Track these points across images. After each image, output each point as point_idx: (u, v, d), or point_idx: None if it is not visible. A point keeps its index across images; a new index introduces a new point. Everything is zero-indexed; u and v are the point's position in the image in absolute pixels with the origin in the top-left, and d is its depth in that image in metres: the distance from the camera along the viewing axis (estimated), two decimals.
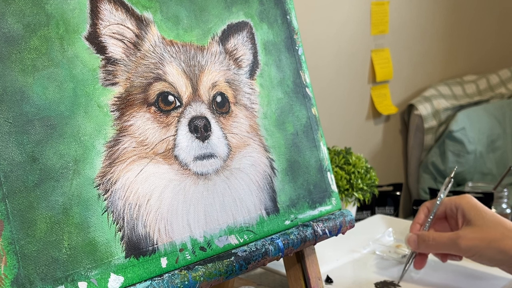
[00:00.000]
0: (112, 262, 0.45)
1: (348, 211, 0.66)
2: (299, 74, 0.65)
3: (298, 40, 0.66)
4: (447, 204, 0.79)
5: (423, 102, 1.91)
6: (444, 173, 1.90)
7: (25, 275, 0.40)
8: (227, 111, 0.56)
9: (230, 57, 0.58)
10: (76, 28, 0.46)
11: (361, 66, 1.78)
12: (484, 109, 2.04)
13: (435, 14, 2.04)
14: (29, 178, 0.41)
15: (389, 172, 1.94)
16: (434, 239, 0.76)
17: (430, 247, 0.78)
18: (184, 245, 0.49)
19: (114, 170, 0.46)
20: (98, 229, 0.45)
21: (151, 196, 0.48)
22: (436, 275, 0.96)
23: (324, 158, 0.65)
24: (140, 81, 0.50)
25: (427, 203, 0.83)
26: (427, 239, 0.77)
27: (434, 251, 0.79)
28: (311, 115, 0.65)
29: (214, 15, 0.57)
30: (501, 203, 1.30)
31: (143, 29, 0.51)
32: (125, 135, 0.48)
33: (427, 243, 0.77)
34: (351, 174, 1.09)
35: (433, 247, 0.77)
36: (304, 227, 0.59)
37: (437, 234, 0.76)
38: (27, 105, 0.42)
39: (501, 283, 0.88)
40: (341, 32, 1.68)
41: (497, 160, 2.02)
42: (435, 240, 0.76)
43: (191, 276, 0.48)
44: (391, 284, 0.91)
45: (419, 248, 0.80)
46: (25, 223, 0.41)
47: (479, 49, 2.29)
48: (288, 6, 0.65)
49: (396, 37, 1.88)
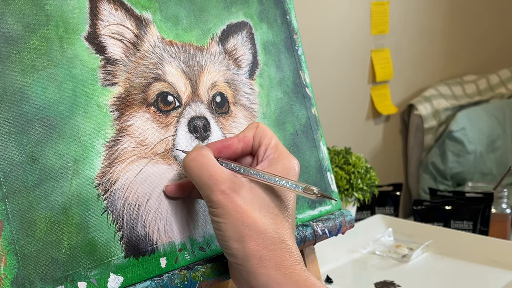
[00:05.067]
0: (112, 262, 0.45)
1: (348, 211, 0.66)
2: (299, 74, 0.65)
3: (298, 40, 0.66)
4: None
5: (423, 102, 1.91)
6: (444, 173, 1.90)
7: (25, 275, 0.40)
8: (227, 111, 0.56)
9: (229, 57, 0.58)
10: (75, 28, 0.46)
11: (361, 66, 1.78)
12: (484, 109, 2.04)
13: (435, 14, 2.04)
14: (29, 178, 0.41)
15: (389, 172, 1.94)
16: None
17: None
18: (183, 245, 0.50)
19: (113, 170, 0.46)
20: (98, 229, 0.45)
21: (150, 196, 0.48)
22: (436, 275, 0.96)
23: (324, 158, 0.65)
24: (139, 81, 0.50)
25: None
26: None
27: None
28: (311, 115, 0.65)
29: (213, 15, 0.57)
30: (501, 203, 1.30)
31: (143, 29, 0.51)
32: (124, 135, 0.48)
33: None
34: (351, 174, 1.09)
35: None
36: (304, 227, 0.59)
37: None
38: (27, 105, 0.42)
39: (501, 283, 0.89)
40: (341, 32, 1.68)
41: (497, 160, 2.02)
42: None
43: (191, 276, 0.48)
44: (391, 284, 0.91)
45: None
46: (25, 223, 0.41)
47: (479, 49, 2.29)
48: (288, 6, 0.65)
49: (396, 37, 1.88)
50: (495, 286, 0.88)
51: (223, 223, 0.44)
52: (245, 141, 0.49)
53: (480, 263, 0.97)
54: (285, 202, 0.47)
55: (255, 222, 0.44)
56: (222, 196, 0.44)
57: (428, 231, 1.10)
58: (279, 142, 0.49)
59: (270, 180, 0.45)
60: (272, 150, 0.48)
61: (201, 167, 0.45)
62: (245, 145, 0.49)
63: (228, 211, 0.44)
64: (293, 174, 0.47)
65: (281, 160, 0.47)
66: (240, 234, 0.43)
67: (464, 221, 1.25)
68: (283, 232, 0.45)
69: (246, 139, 0.49)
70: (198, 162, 0.45)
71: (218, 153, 0.48)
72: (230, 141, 0.48)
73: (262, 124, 0.50)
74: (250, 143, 0.49)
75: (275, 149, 0.48)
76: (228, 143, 0.48)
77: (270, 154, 0.48)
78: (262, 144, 0.49)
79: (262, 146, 0.49)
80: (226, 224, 0.44)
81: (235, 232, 0.43)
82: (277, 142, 0.49)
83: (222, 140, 0.49)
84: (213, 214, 0.45)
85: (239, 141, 0.49)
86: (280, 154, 0.48)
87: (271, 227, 0.44)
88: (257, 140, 0.49)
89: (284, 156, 0.48)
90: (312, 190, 0.44)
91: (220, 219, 0.44)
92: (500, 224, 1.28)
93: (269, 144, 0.48)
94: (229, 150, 0.48)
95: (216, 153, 0.48)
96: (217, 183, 0.44)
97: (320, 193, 0.43)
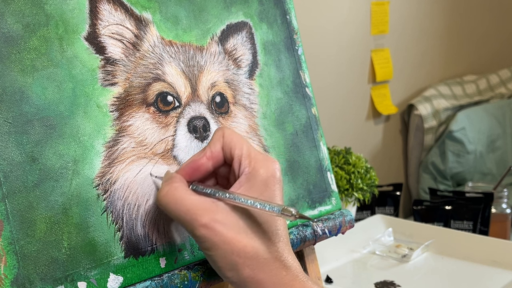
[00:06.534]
0: (112, 262, 0.45)
1: (348, 211, 0.66)
2: (299, 74, 0.65)
3: (298, 40, 0.66)
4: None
5: (423, 102, 1.91)
6: (444, 173, 1.90)
7: (25, 275, 0.40)
8: (226, 111, 0.56)
9: (229, 57, 0.58)
10: (75, 28, 0.46)
11: (361, 66, 1.78)
12: (484, 109, 2.04)
13: (435, 14, 2.04)
14: (29, 178, 0.42)
15: (389, 172, 1.94)
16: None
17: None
18: (183, 245, 0.50)
19: (113, 170, 0.46)
20: (98, 229, 0.45)
21: (150, 196, 0.48)
22: (436, 275, 0.96)
23: (324, 158, 0.65)
24: (139, 81, 0.50)
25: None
26: None
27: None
28: (311, 115, 0.65)
29: (213, 15, 0.57)
30: (501, 203, 1.30)
31: (142, 29, 0.51)
32: (124, 135, 0.48)
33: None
34: (351, 174, 1.09)
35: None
36: (304, 227, 0.59)
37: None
38: (27, 105, 0.42)
39: (501, 283, 0.89)
40: (341, 32, 1.68)
41: (497, 160, 2.02)
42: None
43: (190, 276, 0.48)
44: (391, 284, 0.91)
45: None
46: (25, 223, 0.41)
47: (479, 49, 2.29)
48: (288, 6, 0.65)
49: (396, 37, 1.88)
50: (495, 286, 0.88)
51: (214, 255, 0.43)
52: (214, 157, 0.46)
53: (480, 263, 0.97)
54: (269, 216, 0.44)
55: (244, 247, 0.42)
56: (205, 230, 0.42)
57: (428, 231, 1.10)
58: (251, 148, 0.46)
59: (246, 203, 0.43)
60: (246, 162, 0.45)
61: (176, 203, 0.43)
62: (216, 161, 0.46)
63: (215, 243, 0.42)
64: (273, 183, 0.45)
65: (257, 171, 0.44)
66: (232, 263, 0.42)
67: (464, 221, 1.25)
68: (274, 249, 0.44)
69: (214, 155, 0.46)
70: (172, 198, 0.43)
71: (189, 177, 0.46)
72: (198, 163, 0.46)
73: (227, 130, 0.47)
74: (220, 157, 0.46)
75: (249, 160, 0.45)
76: (197, 165, 0.46)
77: (245, 168, 0.45)
78: (234, 156, 0.46)
79: (235, 159, 0.45)
80: (217, 256, 0.43)
81: (227, 262, 0.42)
82: (249, 150, 0.46)
83: (191, 163, 0.46)
84: (202, 248, 0.44)
85: (208, 160, 0.46)
86: (255, 164, 0.45)
87: (262, 247, 0.43)
88: (227, 152, 0.46)
89: (260, 165, 0.45)
90: (290, 212, 0.41)
91: (210, 252, 0.43)
92: (500, 224, 1.28)
93: (241, 154, 0.45)
94: (200, 171, 0.46)
95: (188, 177, 0.46)
96: (196, 218, 0.42)
97: (299, 215, 0.41)
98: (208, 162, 0.46)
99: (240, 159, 0.45)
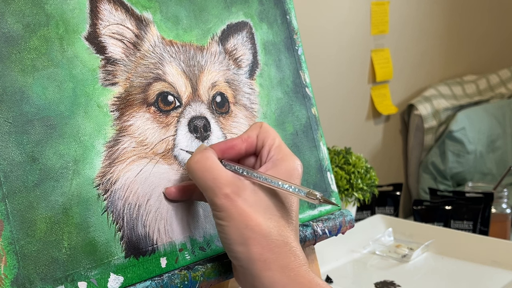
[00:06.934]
0: (112, 262, 0.45)
1: (348, 211, 0.66)
2: (299, 74, 0.65)
3: (298, 40, 0.66)
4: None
5: (423, 102, 1.91)
6: (444, 173, 1.90)
7: (25, 275, 0.40)
8: (227, 111, 0.56)
9: (229, 57, 0.58)
10: (75, 28, 0.46)
11: (361, 66, 1.78)
12: (484, 109, 2.04)
13: (435, 14, 2.04)
14: (29, 178, 0.41)
15: (389, 172, 1.94)
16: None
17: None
18: (183, 245, 0.50)
19: (113, 170, 0.46)
20: (98, 229, 0.45)
21: (150, 196, 0.48)
22: (436, 275, 0.96)
23: (324, 158, 0.65)
24: (139, 81, 0.50)
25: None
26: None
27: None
28: (311, 115, 0.65)
29: (213, 15, 0.57)
30: (501, 203, 1.30)
31: (143, 29, 0.51)
32: (124, 135, 0.48)
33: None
34: (351, 174, 1.09)
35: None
36: (304, 227, 0.59)
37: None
38: (27, 105, 0.42)
39: (501, 283, 0.89)
40: (341, 32, 1.68)
41: (497, 160, 2.02)
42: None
43: (191, 276, 0.48)
44: (391, 284, 0.91)
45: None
46: (25, 223, 0.41)
47: (479, 49, 2.29)
48: (288, 6, 0.65)
49: (396, 37, 1.88)
50: (495, 286, 0.88)
51: (227, 226, 0.44)
52: (249, 141, 0.48)
53: (480, 263, 0.97)
54: (288, 204, 0.46)
55: (259, 225, 0.43)
56: (225, 199, 0.43)
57: (428, 231, 1.10)
58: (282, 143, 0.49)
59: (273, 184, 0.45)
60: (275, 151, 0.48)
61: (205, 170, 0.45)
62: (249, 145, 0.49)
63: (231, 214, 0.43)
64: (296, 176, 0.47)
65: (284, 161, 0.47)
66: (244, 237, 0.43)
67: (464, 221, 1.25)
68: (287, 234, 0.45)
69: (249, 140, 0.48)
70: (202, 165, 0.45)
71: (221, 154, 0.48)
72: (234, 142, 0.48)
73: (265, 124, 0.49)
74: (254, 143, 0.49)
75: (279, 150, 0.48)
76: (232, 144, 0.48)
77: (273, 155, 0.48)
78: (265, 145, 0.48)
79: (266, 147, 0.48)
80: (230, 228, 0.43)
81: (239, 236, 0.43)
82: (280, 143, 0.48)
83: (226, 141, 0.49)
84: (216, 218, 0.45)
85: (243, 142, 0.48)
86: (283, 155, 0.47)
87: (275, 230, 0.44)
88: (260, 140, 0.49)
89: (287, 157, 0.47)
90: (315, 195, 0.43)
91: (223, 222, 0.44)
92: (500, 224, 1.28)
93: (273, 144, 0.48)
94: (233, 151, 0.48)
95: (220, 154, 0.48)
96: (220, 186, 0.44)
97: (323, 199, 0.43)
98: (242, 144, 0.48)
99: (271, 147, 0.48)
